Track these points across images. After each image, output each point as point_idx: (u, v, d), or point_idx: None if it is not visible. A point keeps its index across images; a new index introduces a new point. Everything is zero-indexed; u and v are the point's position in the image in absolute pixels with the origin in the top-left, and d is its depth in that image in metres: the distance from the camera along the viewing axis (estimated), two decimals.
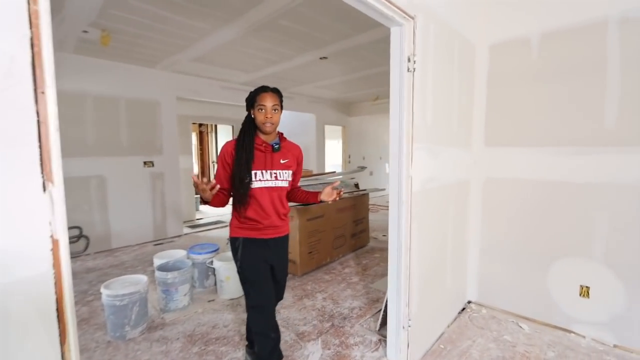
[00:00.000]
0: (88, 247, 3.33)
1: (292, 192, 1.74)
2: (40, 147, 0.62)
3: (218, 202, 1.55)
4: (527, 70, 2.28)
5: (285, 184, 1.59)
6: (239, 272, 1.59)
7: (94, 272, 3.49)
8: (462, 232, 2.50)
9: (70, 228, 3.45)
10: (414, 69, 1.67)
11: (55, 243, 0.64)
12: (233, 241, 1.59)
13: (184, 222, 5.62)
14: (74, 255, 3.48)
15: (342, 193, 1.65)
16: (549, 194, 2.24)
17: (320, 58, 4.17)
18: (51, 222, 0.64)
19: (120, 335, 2.19)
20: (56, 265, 0.65)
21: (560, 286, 2.24)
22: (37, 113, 0.61)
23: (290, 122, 7.57)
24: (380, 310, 2.39)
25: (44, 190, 0.63)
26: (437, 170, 2.02)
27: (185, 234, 5.12)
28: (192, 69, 4.61)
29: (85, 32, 3.18)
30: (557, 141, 2.20)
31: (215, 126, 8.26)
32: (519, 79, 2.33)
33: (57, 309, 0.65)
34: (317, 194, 1.70)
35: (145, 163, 4.56)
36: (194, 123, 7.40)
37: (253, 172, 1.50)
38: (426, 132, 1.86)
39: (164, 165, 4.77)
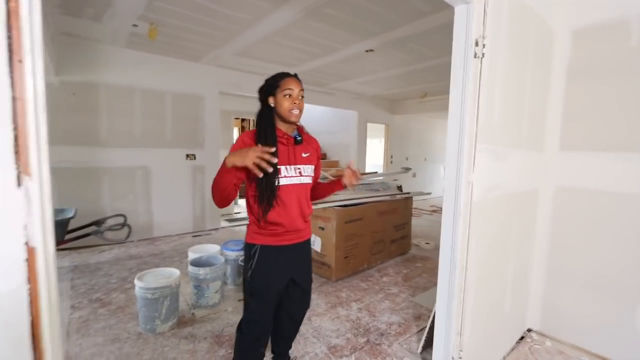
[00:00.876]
0: (130, 235, 3.44)
1: (315, 189, 1.56)
2: (15, 129, 0.48)
3: (225, 192, 1.27)
4: (623, 60, 1.87)
5: (309, 180, 1.43)
6: (245, 281, 1.41)
7: (135, 259, 3.60)
8: (526, 250, 2.14)
9: (115, 216, 3.58)
10: (483, 54, 1.39)
11: (30, 252, 0.51)
12: (249, 247, 1.40)
13: (222, 215, 5.69)
14: (116, 242, 3.62)
15: (359, 174, 1.47)
16: None
17: (366, 51, 3.93)
18: (27, 226, 0.51)
19: (151, 329, 2.16)
20: (32, 279, 0.51)
21: None
22: (12, 86, 0.48)
23: (331, 119, 7.40)
24: (423, 329, 2.13)
25: (19, 184, 0.49)
26: (501, 176, 1.71)
27: (223, 227, 5.17)
28: (235, 63, 4.60)
29: (135, 25, 3.25)
30: None
31: None
32: (609, 71, 1.92)
33: (33, 335, 0.52)
34: (339, 181, 1.51)
35: (187, 156, 4.66)
36: (236, 118, 7.52)
37: (278, 167, 1.32)
38: (492, 132, 1.56)
39: (205, 158, 4.83)
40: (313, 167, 1.45)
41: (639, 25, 1.81)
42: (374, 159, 8.21)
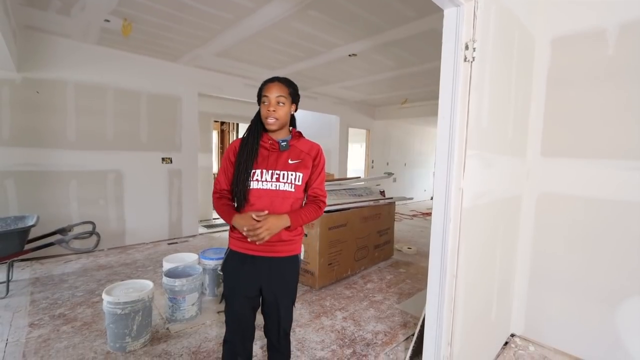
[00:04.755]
0: (99, 244, 3.21)
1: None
2: None
3: (225, 211, 1.33)
4: (599, 69, 1.92)
5: (289, 188, 1.30)
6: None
7: (105, 269, 3.37)
8: (510, 256, 2.15)
9: (83, 223, 3.34)
10: (473, 58, 1.37)
11: None
12: (226, 250, 1.43)
13: (200, 221, 5.48)
14: (84, 251, 3.37)
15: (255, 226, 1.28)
16: (622, 216, 1.86)
17: (350, 55, 3.90)
18: None
19: (120, 347, 1.99)
20: None
21: (632, 330, 1.85)
22: None
23: (313, 123, 7.35)
24: (410, 338, 2.09)
25: None
26: (489, 182, 1.70)
27: (201, 234, 4.96)
28: (215, 64, 4.46)
29: (107, 21, 3.07)
30: (635, 154, 1.82)
31: (237, 125, 8.14)
32: (587, 79, 1.97)
33: None
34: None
35: (163, 159, 4.45)
36: (215, 121, 7.31)
37: (252, 170, 1.29)
38: (481, 137, 1.55)
39: (183, 162, 4.64)
40: (301, 175, 1.33)
41: (614, 35, 1.86)
42: (356, 164, 8.22)
